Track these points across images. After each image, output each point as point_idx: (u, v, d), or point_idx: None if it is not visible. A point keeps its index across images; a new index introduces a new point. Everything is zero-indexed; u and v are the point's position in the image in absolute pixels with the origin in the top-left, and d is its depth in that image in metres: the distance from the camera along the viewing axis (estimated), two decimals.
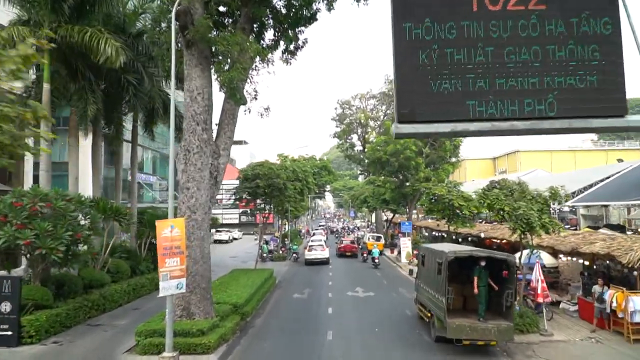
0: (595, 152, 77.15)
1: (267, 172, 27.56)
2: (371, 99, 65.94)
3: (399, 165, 36.56)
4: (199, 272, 15.11)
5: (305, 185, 37.69)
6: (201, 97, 15.35)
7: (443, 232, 38.70)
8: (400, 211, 50.25)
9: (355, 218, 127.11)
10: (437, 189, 24.96)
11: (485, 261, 13.82)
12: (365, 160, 63.04)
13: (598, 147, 79.75)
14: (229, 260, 40.87)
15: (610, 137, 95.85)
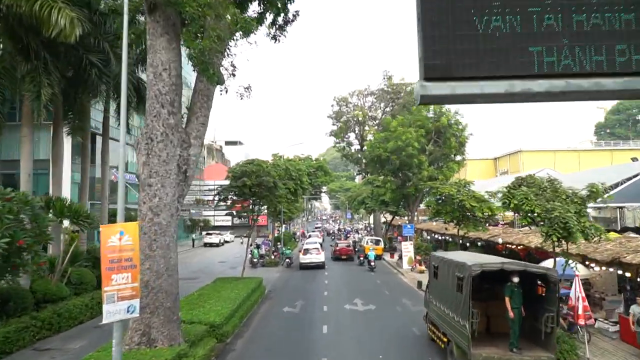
0: (599, 152, 74.59)
1: (256, 170, 24.76)
2: (369, 96, 63.24)
3: (400, 163, 33.84)
4: (162, 288, 12.28)
5: (299, 185, 34.92)
6: (167, 74, 12.54)
7: (447, 236, 36.00)
8: (400, 213, 47.52)
9: (352, 220, 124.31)
10: (446, 188, 22.20)
11: (519, 276, 11.07)
12: (363, 159, 60.48)
13: (602, 147, 77.17)
14: (217, 265, 38.04)
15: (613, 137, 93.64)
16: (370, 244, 42.16)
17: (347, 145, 63.76)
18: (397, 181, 34.51)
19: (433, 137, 35.01)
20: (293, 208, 47.09)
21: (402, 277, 31.07)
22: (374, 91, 62.66)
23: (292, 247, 51.53)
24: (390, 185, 33.92)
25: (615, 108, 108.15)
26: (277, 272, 33.75)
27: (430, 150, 34.44)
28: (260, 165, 25.42)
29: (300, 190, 35.19)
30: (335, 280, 30.00)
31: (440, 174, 33.66)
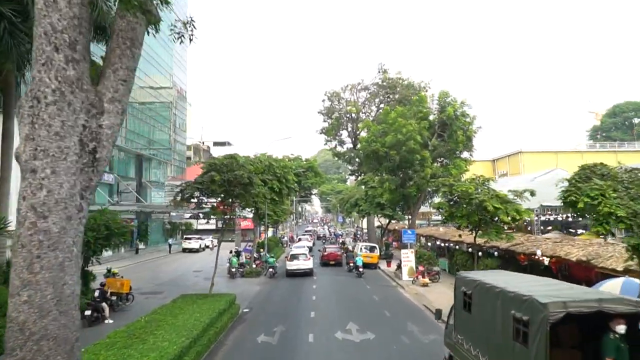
0: (604, 154, 70.93)
1: (227, 163, 20.33)
2: (363, 91, 59.00)
3: (401, 159, 29.57)
4: (49, 334, 7.72)
5: (285, 185, 30.53)
6: (65, 1, 8.09)
7: (452, 243, 31.82)
8: (397, 217, 43.25)
9: (343, 223, 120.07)
10: (462, 186, 17.93)
11: (628, 322, 6.73)
12: (357, 157, 56.19)
13: (607, 149, 73.69)
14: (191, 276, 33.45)
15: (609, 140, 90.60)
16: (365, 251, 37.88)
17: (339, 143, 59.49)
18: (397, 180, 30.20)
19: (437, 130, 30.80)
20: (279, 210, 42.70)
21: (403, 291, 26.73)
22: (367, 86, 58.40)
23: (278, 253, 47.13)
24: (388, 185, 29.62)
25: (611, 111, 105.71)
26: (257, 284, 29.27)
27: (433, 145, 30.22)
28: (234, 158, 20.99)
29: (285, 190, 30.78)
30: (325, 293, 25.61)
31: (446, 172, 29.43)
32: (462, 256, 28.47)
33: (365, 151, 31.19)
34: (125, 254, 48.16)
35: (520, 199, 17.67)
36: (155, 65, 60.29)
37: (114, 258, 43.77)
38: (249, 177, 20.24)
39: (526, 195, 17.79)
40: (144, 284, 29.31)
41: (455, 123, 29.55)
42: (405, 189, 30.40)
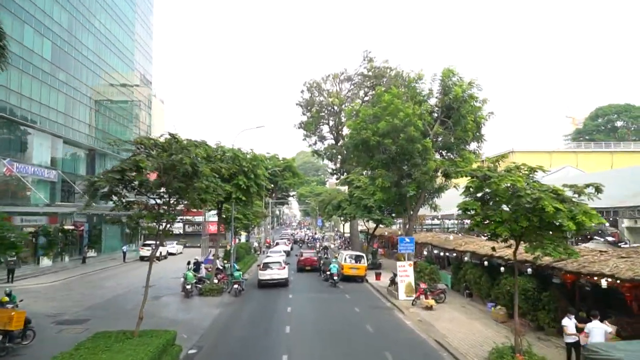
0: (600, 154, 66.97)
1: (166, 146, 14.25)
2: (346, 82, 53.37)
3: (397, 150, 23.90)
4: None
5: (254, 180, 24.47)
6: None
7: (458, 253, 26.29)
8: (386, 221, 37.58)
9: (322, 227, 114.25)
10: (507, 178, 12.19)
11: None
12: (339, 155, 50.45)
13: (602, 149, 69.90)
14: (138, 294, 27.02)
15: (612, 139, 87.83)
16: (350, 261, 32.07)
17: (319, 139, 53.66)
18: (392, 176, 24.43)
19: (440, 116, 25.21)
20: (249, 213, 36.60)
21: (402, 316, 20.95)
22: (351, 76, 52.82)
23: (249, 262, 40.95)
24: (381, 182, 23.82)
25: (594, 114, 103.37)
26: (217, 306, 23.12)
27: (437, 132, 24.61)
28: (176, 138, 14.86)
29: (254, 187, 24.71)
30: (302, 321, 19.65)
31: (453, 166, 23.86)
32: (473, 271, 22.90)
33: (353, 141, 25.37)
34: (68, 263, 41.27)
35: (584, 195, 12.11)
36: (114, 50, 53.45)
37: (53, 269, 36.96)
38: (192, 164, 14.12)
39: (589, 191, 12.25)
40: (70, 306, 22.92)
41: (463, 107, 24.03)
42: (403, 187, 24.65)
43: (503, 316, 18.47)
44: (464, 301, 23.23)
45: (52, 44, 40.54)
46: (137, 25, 60.35)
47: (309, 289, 29.32)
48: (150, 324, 19.09)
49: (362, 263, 32.00)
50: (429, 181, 23.80)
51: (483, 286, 21.80)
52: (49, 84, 40.11)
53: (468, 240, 26.50)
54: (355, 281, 31.78)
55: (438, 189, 25.90)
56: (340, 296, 25.97)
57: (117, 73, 54.57)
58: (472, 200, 13.62)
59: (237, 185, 24.33)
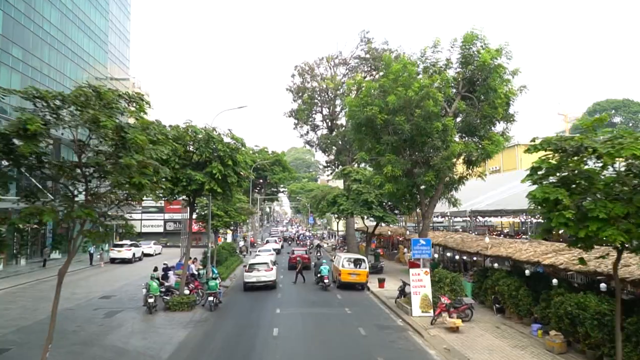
0: None
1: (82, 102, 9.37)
2: (341, 66, 48.59)
3: (412, 130, 19.15)
4: None
5: (232, 168, 19.53)
6: None
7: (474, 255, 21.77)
8: (389, 218, 32.85)
9: (314, 225, 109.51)
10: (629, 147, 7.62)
11: None
12: (334, 146, 45.60)
13: None
14: (90, 308, 22.03)
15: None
16: (348, 266, 27.35)
17: (311, 129, 48.84)
18: (405, 163, 19.63)
19: (460, 90, 20.49)
20: (231, 208, 31.70)
21: (421, 340, 16.21)
22: (346, 59, 48.08)
23: (233, 266, 36.06)
24: (390, 169, 19.00)
25: (591, 109, 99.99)
26: (185, 326, 18.24)
27: (459, 109, 19.88)
28: (97, 91, 9.93)
29: (233, 177, 19.76)
30: (293, 347, 14.91)
31: (479, 150, 19.17)
32: (507, 281, 18.25)
33: (355, 120, 20.54)
34: (25, 267, 36.05)
35: None
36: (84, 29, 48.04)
37: (4, 274, 31.79)
38: (119, 127, 9.25)
39: None
40: None
41: (492, 77, 19.34)
42: (417, 177, 19.85)
43: (561, 345, 13.83)
44: (495, 319, 18.58)
45: (4, 13, 35.23)
46: (111, 3, 54.96)
47: (301, 298, 24.59)
48: (86, 356, 14.23)
49: (363, 268, 27.27)
50: (449, 169, 19.07)
51: (522, 301, 17.18)
52: None
53: (495, 241, 21.93)
54: (355, 289, 27.11)
55: (459, 179, 21.17)
56: (339, 311, 21.22)
57: (92, 58, 49.23)
58: (551, 186, 8.87)
59: (210, 174, 19.43)
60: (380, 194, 31.68)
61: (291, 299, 24.66)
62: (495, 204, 29.11)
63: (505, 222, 43.93)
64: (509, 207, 26.24)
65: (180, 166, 19.66)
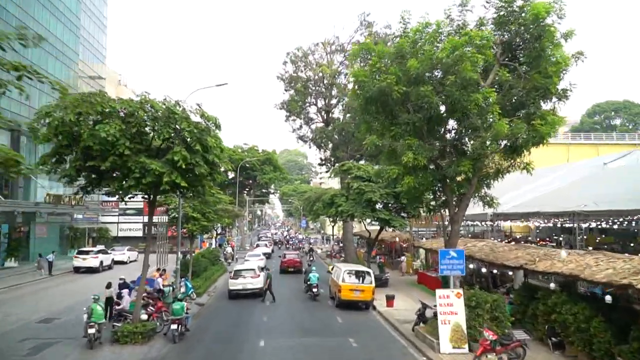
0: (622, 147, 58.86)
1: None
2: (338, 53, 43.82)
3: (442, 105, 14.33)
4: None
5: (200, 155, 14.49)
6: None
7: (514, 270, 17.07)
8: (396, 222, 27.97)
9: (306, 229, 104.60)
10: None
11: None
12: (330, 141, 40.72)
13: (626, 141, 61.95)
14: (29, 331, 16.96)
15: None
16: (350, 280, 22.45)
17: (305, 122, 43.95)
18: (432, 149, 14.72)
19: (499, 58, 15.68)
20: (209, 210, 26.73)
21: None
22: (344, 45, 43.34)
23: (214, 276, 31.01)
24: (412, 157, 14.08)
25: (591, 110, 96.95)
26: None
27: (500, 80, 15.06)
28: None
29: (203, 168, 14.75)
30: None
31: (532, 133, 14.37)
32: (572, 308, 13.45)
33: (364, 93, 15.66)
34: None
35: None
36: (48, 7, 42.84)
37: None
38: None
39: None
40: None
41: (545, 38, 14.61)
42: (448, 168, 14.93)
43: None
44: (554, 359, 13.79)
45: None
46: None
47: (292, 321, 19.70)
48: None
49: (368, 282, 22.37)
50: (491, 156, 14.26)
51: (598, 338, 12.39)
52: None
53: (542, 252, 17.15)
54: (358, 308, 22.26)
55: (496, 172, 16.34)
56: (342, 342, 16.30)
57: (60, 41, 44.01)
58: None
59: (171, 163, 14.48)
60: (387, 194, 26.91)
61: (280, 321, 19.75)
62: (524, 205, 24.46)
63: (515, 226, 39.45)
64: (546, 208, 21.53)
65: (132, 152, 14.72)
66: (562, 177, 28.42)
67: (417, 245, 32.53)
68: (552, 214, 21.70)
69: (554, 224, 29.92)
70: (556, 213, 21.05)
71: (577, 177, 25.82)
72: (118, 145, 14.35)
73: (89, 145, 14.28)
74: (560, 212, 20.42)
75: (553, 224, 29.65)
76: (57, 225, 44.58)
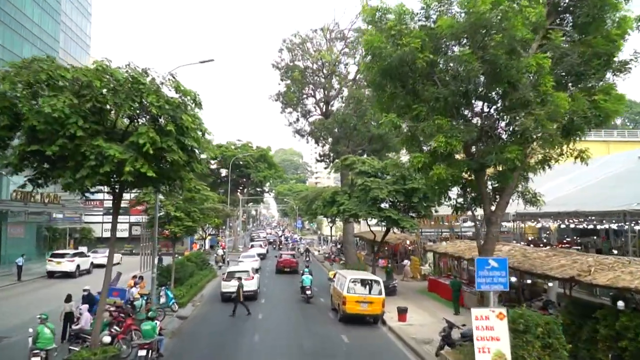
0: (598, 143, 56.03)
1: None
2: (338, 41, 40.76)
3: (488, 72, 11.19)
4: None
5: (174, 139, 11.40)
6: None
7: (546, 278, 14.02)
8: (407, 223, 24.85)
9: (302, 229, 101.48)
10: None
11: None
12: (330, 135, 37.54)
13: None
14: None
15: None
16: (356, 290, 19.33)
17: (302, 115, 40.84)
18: (470, 130, 11.56)
19: (544, 24, 12.55)
20: (194, 209, 23.54)
21: None
22: (344, 32, 40.28)
23: (201, 283, 27.81)
24: (444, 142, 10.96)
25: None
26: None
27: (553, 42, 11.92)
28: None
29: (177, 154, 11.61)
30: None
31: (595, 111, 11.29)
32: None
33: (379, 64, 12.50)
34: None
35: None
36: None
37: None
38: None
39: None
40: None
41: None
42: (489, 155, 11.75)
43: None
44: None
45: None
46: None
47: (289, 338, 16.56)
48: None
49: (377, 293, 19.25)
50: (550, 140, 11.14)
51: None
52: None
53: (590, 260, 14.10)
54: (365, 322, 19.16)
55: (542, 162, 13.22)
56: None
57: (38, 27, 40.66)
58: None
59: (137, 148, 11.28)
60: (396, 191, 23.85)
61: (274, 341, 16.61)
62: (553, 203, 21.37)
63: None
64: (586, 207, 18.47)
65: (87, 134, 11.52)
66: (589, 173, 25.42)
67: (428, 249, 29.40)
68: (594, 214, 18.66)
69: (567, 225, 27.17)
70: (601, 212, 18.02)
71: (611, 173, 22.79)
72: (68, 124, 11.18)
73: (34, 125, 11.13)
74: (605, 211, 17.38)
75: (566, 225, 26.86)
76: (33, 225, 41.15)
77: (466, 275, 24.42)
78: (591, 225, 25.75)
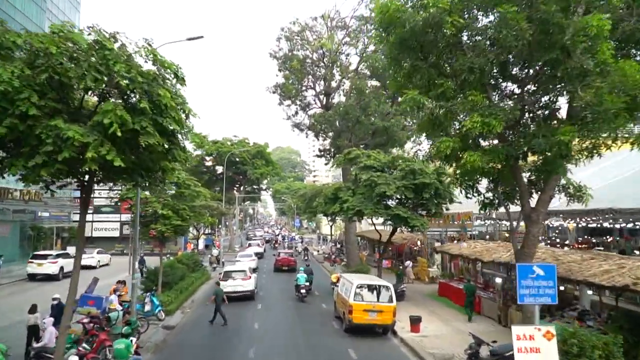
0: None
1: None
2: (339, 30, 38.61)
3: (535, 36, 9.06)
4: None
5: (149, 118, 9.34)
6: None
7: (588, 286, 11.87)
8: (417, 222, 22.74)
9: (300, 228, 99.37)
10: None
11: None
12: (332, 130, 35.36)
13: None
14: None
15: None
16: (364, 296, 17.22)
17: (301, 108, 38.72)
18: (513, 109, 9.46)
19: None
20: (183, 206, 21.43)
21: None
22: (345, 20, 38.15)
23: (194, 285, 25.71)
24: (483, 120, 8.91)
25: None
26: None
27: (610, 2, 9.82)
28: None
29: (155, 136, 9.53)
30: None
31: None
32: None
33: (398, 31, 10.41)
34: None
35: None
36: None
37: None
38: None
39: None
40: None
41: None
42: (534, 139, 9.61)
43: None
44: None
45: None
46: None
47: (288, 354, 14.46)
48: None
49: (388, 301, 17.14)
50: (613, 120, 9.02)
51: None
52: None
53: (632, 263, 12.06)
54: (374, 332, 17.10)
55: (590, 149, 11.14)
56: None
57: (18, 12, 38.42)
58: None
59: (101, 129, 9.14)
60: (405, 187, 21.76)
61: (272, 355, 14.51)
62: None
63: None
64: (623, 204, 16.41)
65: (44, 112, 9.38)
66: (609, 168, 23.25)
67: (439, 250, 27.30)
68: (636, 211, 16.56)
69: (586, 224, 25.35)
70: None
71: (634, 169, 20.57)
72: (19, 100, 9.03)
73: None
74: None
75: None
76: (17, 223, 38.88)
77: (482, 279, 22.37)
78: (606, 223, 23.94)
